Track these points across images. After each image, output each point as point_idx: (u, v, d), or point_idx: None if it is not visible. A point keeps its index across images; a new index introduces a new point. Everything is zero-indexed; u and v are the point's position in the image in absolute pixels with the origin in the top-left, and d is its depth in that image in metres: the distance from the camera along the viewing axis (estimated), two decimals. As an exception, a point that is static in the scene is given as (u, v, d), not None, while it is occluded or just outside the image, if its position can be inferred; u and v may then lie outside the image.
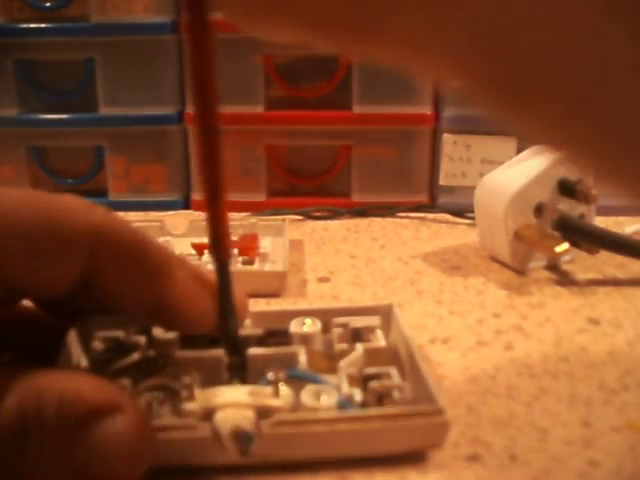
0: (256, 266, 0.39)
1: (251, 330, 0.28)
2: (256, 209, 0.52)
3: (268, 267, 0.40)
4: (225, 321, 0.25)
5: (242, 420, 0.22)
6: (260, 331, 0.28)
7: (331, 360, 0.26)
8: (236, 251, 0.40)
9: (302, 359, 0.26)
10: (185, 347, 0.27)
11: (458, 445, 0.25)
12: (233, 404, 0.22)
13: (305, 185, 0.56)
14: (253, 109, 0.54)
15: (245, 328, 0.27)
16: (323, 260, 0.43)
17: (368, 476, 0.23)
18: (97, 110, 0.54)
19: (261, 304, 0.37)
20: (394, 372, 0.25)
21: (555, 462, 0.24)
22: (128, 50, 0.53)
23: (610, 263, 0.41)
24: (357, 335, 0.28)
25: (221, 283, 0.24)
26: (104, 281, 0.24)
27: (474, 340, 0.33)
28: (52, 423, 0.20)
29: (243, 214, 0.48)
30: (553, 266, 0.41)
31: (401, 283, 0.40)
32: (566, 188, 0.40)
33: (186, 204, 0.56)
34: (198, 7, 0.20)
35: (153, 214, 0.49)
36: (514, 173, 0.41)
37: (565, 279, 0.40)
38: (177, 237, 0.43)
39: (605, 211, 0.46)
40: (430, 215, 0.52)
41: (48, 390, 0.20)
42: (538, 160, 0.41)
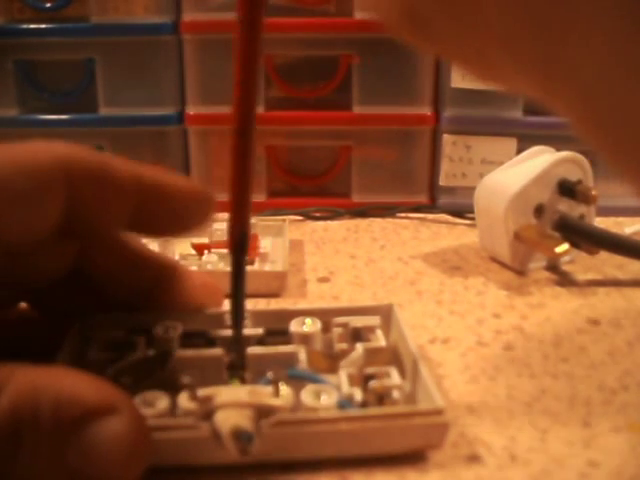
0: (256, 266, 0.39)
1: (251, 330, 0.28)
2: (256, 209, 0.51)
3: (268, 267, 0.40)
4: (235, 322, 0.25)
5: (242, 420, 0.22)
6: (260, 331, 0.28)
7: (331, 360, 0.26)
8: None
9: (302, 359, 0.26)
10: (185, 346, 0.27)
11: (458, 445, 0.25)
12: (233, 404, 0.22)
13: (305, 185, 0.56)
14: (253, 109, 0.54)
15: (245, 328, 0.27)
16: (323, 260, 0.43)
17: (368, 476, 0.23)
18: (97, 110, 0.54)
19: (261, 304, 0.37)
20: (394, 372, 0.25)
21: (555, 462, 0.24)
22: (128, 50, 0.53)
23: (610, 263, 0.41)
24: (357, 335, 0.28)
25: (235, 284, 0.24)
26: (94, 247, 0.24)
27: (474, 340, 0.33)
28: (47, 423, 0.20)
29: (243, 214, 0.48)
30: (553, 266, 0.41)
31: (401, 283, 0.40)
32: (566, 189, 0.40)
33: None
34: (253, 4, 0.20)
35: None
36: (514, 174, 0.41)
37: (565, 279, 0.40)
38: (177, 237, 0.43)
39: (605, 212, 0.46)
40: (430, 215, 0.52)
41: (44, 389, 0.20)
42: (538, 161, 0.41)
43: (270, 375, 0.23)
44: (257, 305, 0.36)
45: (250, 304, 0.35)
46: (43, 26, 0.53)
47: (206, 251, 0.40)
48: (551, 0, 0.14)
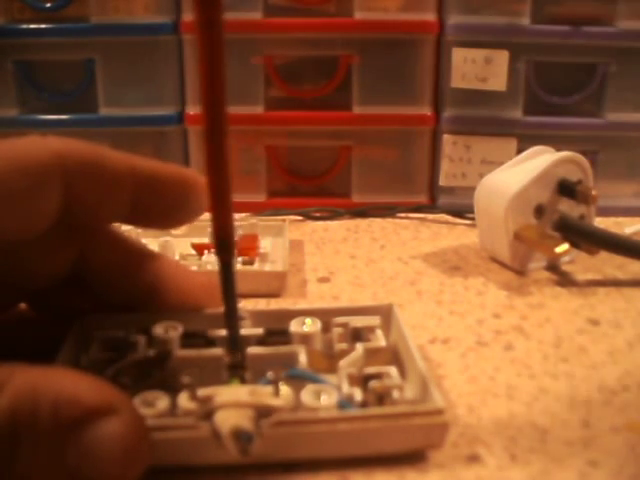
0: (256, 266, 0.39)
1: (251, 330, 0.28)
2: (256, 209, 0.51)
3: (268, 267, 0.40)
4: (229, 320, 0.25)
5: (242, 420, 0.22)
6: (260, 331, 0.28)
7: (331, 360, 0.26)
8: (236, 251, 0.40)
9: (302, 359, 0.26)
10: (185, 346, 0.27)
11: (458, 445, 0.25)
12: (233, 404, 0.22)
13: (305, 185, 0.56)
14: (253, 109, 0.54)
15: (245, 328, 0.27)
16: (323, 260, 0.43)
17: (368, 476, 0.23)
18: (97, 110, 0.54)
19: (261, 304, 0.37)
20: (394, 372, 0.25)
21: (555, 462, 0.24)
22: (128, 50, 0.53)
23: (610, 264, 0.41)
24: (357, 335, 0.28)
25: (225, 284, 0.24)
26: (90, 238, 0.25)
27: (474, 340, 0.33)
28: (46, 424, 0.20)
29: (243, 214, 0.48)
30: (553, 267, 0.41)
31: (401, 283, 0.40)
32: (566, 189, 0.40)
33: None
34: (208, 3, 0.20)
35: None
36: (514, 174, 0.41)
37: (565, 280, 0.40)
38: (177, 237, 0.43)
39: (605, 212, 0.46)
40: (430, 216, 0.52)
41: (43, 390, 0.20)
42: (538, 161, 0.41)
43: (270, 375, 0.23)
44: (257, 305, 0.36)
45: (250, 304, 0.36)
46: (43, 26, 0.53)
47: (206, 251, 0.40)
48: None
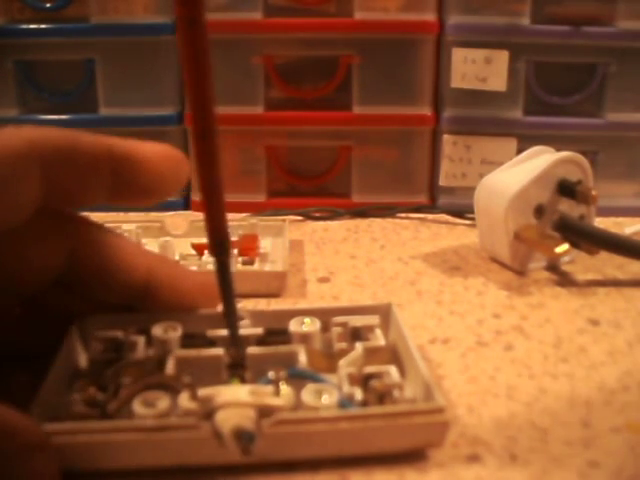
0: (256, 266, 0.39)
1: (251, 329, 0.28)
2: (256, 209, 0.51)
3: (268, 267, 0.40)
4: (228, 319, 0.25)
5: (243, 419, 0.22)
6: (260, 330, 0.28)
7: (331, 359, 0.26)
8: (236, 251, 0.40)
9: (302, 358, 0.26)
10: (185, 347, 0.27)
11: (458, 445, 0.25)
12: (234, 403, 0.22)
13: (305, 186, 0.56)
14: (253, 110, 0.54)
15: (245, 328, 0.27)
16: (323, 260, 0.43)
17: (368, 476, 0.23)
18: (97, 111, 0.54)
19: (261, 304, 0.37)
20: (394, 371, 0.25)
21: (555, 462, 0.24)
22: (128, 51, 0.53)
23: (610, 264, 0.41)
24: (356, 334, 0.28)
25: (222, 283, 0.24)
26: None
27: (474, 340, 0.33)
28: None
29: (243, 214, 0.48)
30: (553, 267, 0.41)
31: (401, 283, 0.40)
32: (566, 189, 0.40)
33: (186, 204, 0.56)
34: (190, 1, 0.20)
35: (153, 214, 0.49)
36: (514, 174, 0.41)
37: (565, 280, 0.40)
38: (177, 237, 0.43)
39: (605, 212, 0.46)
40: (430, 216, 0.52)
41: None
42: (538, 161, 0.41)
43: (271, 375, 0.23)
44: (257, 305, 0.36)
45: (250, 304, 0.36)
46: (43, 26, 0.53)
47: (206, 251, 0.40)
48: None
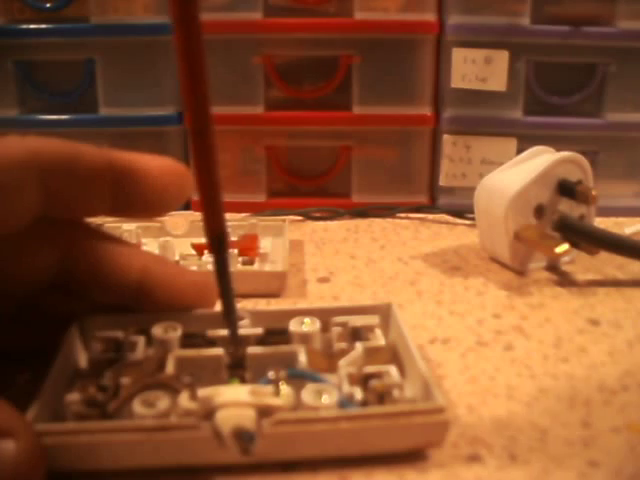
0: (256, 266, 0.39)
1: (251, 329, 0.28)
2: (256, 209, 0.52)
3: (268, 267, 0.40)
4: (227, 317, 0.25)
5: (243, 419, 0.22)
6: (260, 330, 0.28)
7: (330, 359, 0.26)
8: (236, 251, 0.40)
9: (302, 358, 0.26)
10: (185, 347, 0.27)
11: (458, 445, 0.25)
12: (234, 403, 0.22)
13: (305, 186, 0.56)
14: (253, 110, 0.54)
15: (244, 327, 0.27)
16: (323, 260, 0.43)
17: (368, 476, 0.23)
18: (97, 110, 0.54)
19: (261, 304, 0.37)
20: (394, 371, 0.25)
21: (555, 462, 0.24)
22: (128, 51, 0.53)
23: (610, 264, 0.41)
24: (356, 334, 0.28)
25: (221, 281, 0.24)
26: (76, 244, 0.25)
27: (474, 340, 0.33)
28: None
29: (243, 214, 0.48)
30: (553, 267, 0.41)
31: (401, 283, 0.40)
32: (566, 189, 0.40)
33: (186, 204, 0.55)
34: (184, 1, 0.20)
35: (153, 214, 0.49)
36: (514, 174, 0.41)
37: (565, 280, 0.40)
38: (177, 237, 0.43)
39: (605, 212, 0.46)
40: (430, 216, 0.52)
41: None
42: (538, 161, 0.41)
43: (271, 375, 0.23)
44: (257, 305, 0.36)
45: (250, 304, 0.36)
46: (43, 26, 0.53)
47: (206, 251, 0.40)
48: None
